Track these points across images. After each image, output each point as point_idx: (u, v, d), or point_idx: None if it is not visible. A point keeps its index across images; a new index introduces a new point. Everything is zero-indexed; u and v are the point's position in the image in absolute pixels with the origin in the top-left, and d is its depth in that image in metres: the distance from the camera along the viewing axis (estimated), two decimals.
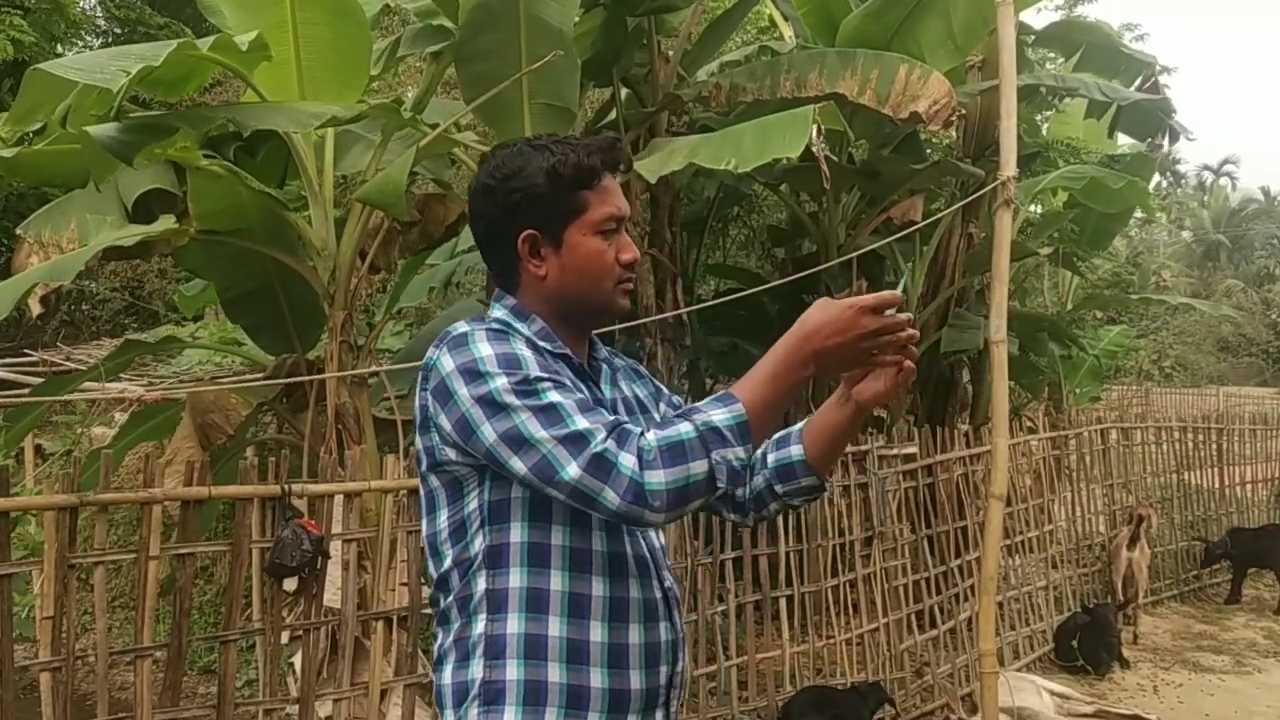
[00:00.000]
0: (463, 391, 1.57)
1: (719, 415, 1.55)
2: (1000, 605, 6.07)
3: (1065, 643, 6.68)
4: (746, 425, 1.55)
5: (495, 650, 1.60)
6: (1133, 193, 7.94)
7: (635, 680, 1.62)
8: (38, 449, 8.72)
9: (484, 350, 1.60)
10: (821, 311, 1.65)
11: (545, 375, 1.60)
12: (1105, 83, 7.70)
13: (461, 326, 1.67)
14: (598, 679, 1.59)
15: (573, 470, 1.53)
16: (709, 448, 1.53)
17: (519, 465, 1.55)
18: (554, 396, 1.58)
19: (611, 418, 1.60)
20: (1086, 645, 6.59)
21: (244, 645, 4.45)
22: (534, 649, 1.59)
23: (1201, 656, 7.15)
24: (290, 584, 3.92)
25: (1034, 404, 10.36)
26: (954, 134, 7.81)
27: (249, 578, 4.38)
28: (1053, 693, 5.77)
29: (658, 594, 1.68)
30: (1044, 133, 10.07)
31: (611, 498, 1.51)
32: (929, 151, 8.08)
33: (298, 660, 4.04)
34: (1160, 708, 6.06)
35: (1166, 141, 7.88)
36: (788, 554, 5.25)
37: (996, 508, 5.37)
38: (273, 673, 3.50)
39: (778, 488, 1.85)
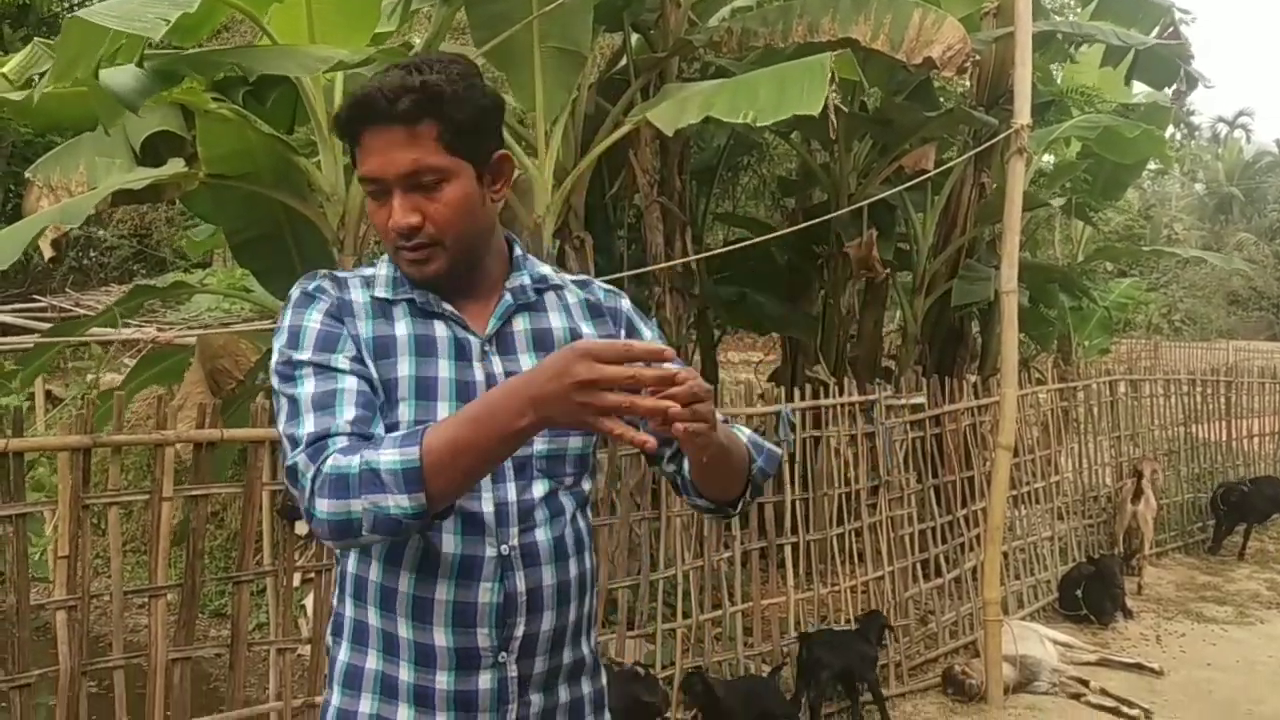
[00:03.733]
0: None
1: (387, 457, 1.40)
2: (1005, 555, 6.10)
3: (1069, 592, 6.72)
4: (416, 472, 1.38)
5: (342, 588, 1.65)
6: (1148, 142, 7.86)
7: (440, 636, 1.55)
8: (48, 395, 8.78)
9: (283, 320, 1.60)
10: (555, 354, 1.41)
11: (308, 359, 1.53)
12: (1122, 30, 7.60)
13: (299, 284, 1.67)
14: (404, 629, 1.56)
15: (288, 469, 1.50)
16: (362, 491, 1.40)
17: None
18: (302, 387, 1.52)
19: (340, 419, 1.49)
20: (1091, 595, 6.63)
21: (255, 589, 4.50)
22: (359, 590, 1.61)
23: (1205, 607, 7.20)
24: (302, 527, 3.95)
25: (1043, 355, 10.36)
26: (968, 82, 7.72)
27: (260, 521, 4.42)
28: (1056, 641, 5.83)
29: (488, 552, 1.55)
30: (1058, 81, 9.95)
31: (306, 509, 1.46)
32: (942, 100, 7.99)
33: (309, 603, 4.09)
34: (1163, 657, 6.11)
35: (1185, 87, 7.79)
36: (794, 502, 5.28)
37: (1004, 458, 5.40)
38: (285, 614, 3.54)
39: (687, 498, 1.76)
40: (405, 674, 1.56)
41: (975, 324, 8.40)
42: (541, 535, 1.59)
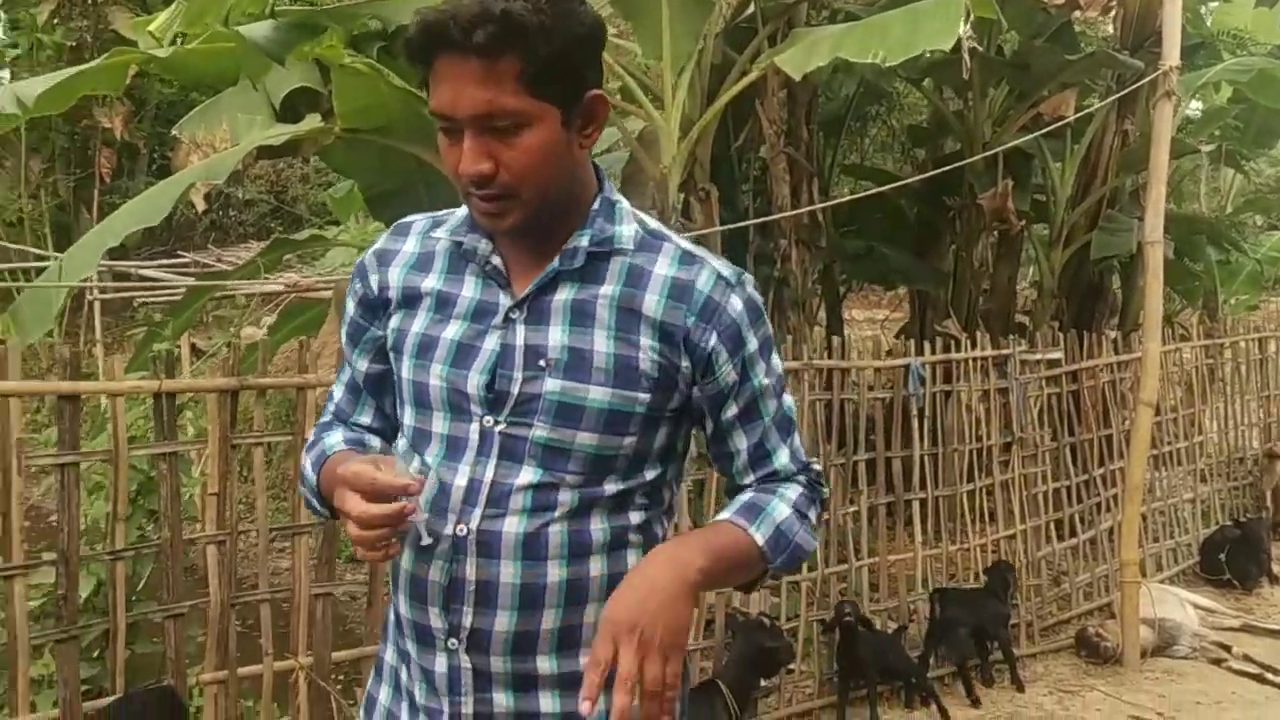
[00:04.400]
0: None
1: (308, 460, 1.62)
2: (1144, 516, 5.90)
3: (1212, 556, 6.47)
4: (314, 489, 1.59)
5: None
6: None
7: (403, 604, 1.50)
8: (192, 347, 9.18)
9: None
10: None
11: (345, 332, 1.63)
12: None
13: None
14: (393, 586, 1.55)
15: None
16: (301, 478, 1.64)
17: None
18: (344, 358, 1.66)
19: (331, 404, 1.67)
20: (1235, 559, 6.37)
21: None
22: None
23: None
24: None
25: (1187, 311, 9.92)
26: (1111, 25, 7.38)
27: None
28: (1197, 605, 5.63)
29: (445, 529, 1.43)
30: (1208, 24, 9.44)
31: None
32: (1083, 43, 7.65)
33: None
34: None
35: None
36: (923, 457, 5.19)
37: (1145, 415, 5.21)
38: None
39: None
40: (393, 630, 1.56)
41: (1115, 278, 8.09)
42: (511, 526, 1.42)
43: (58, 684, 2.96)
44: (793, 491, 1.54)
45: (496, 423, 1.44)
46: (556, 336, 1.44)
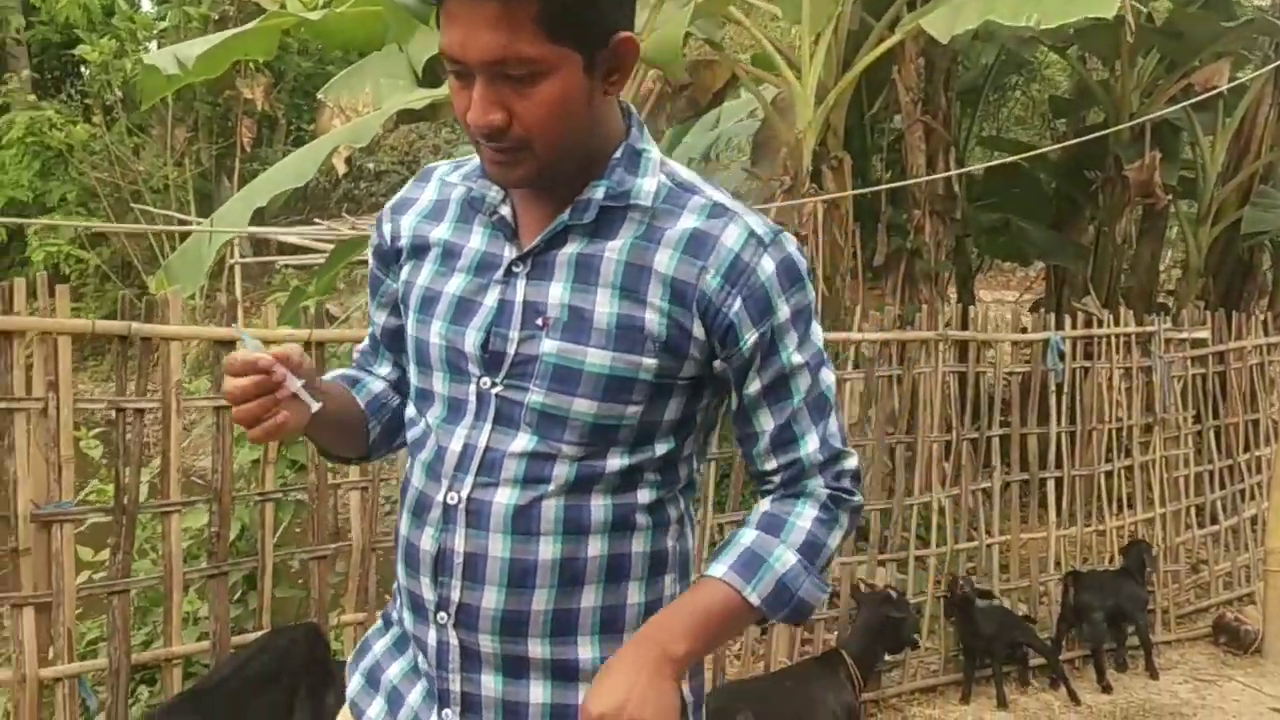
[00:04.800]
0: None
1: None
2: None
3: None
4: None
5: None
6: None
7: (400, 570, 1.43)
8: (326, 313, 9.47)
9: None
10: None
11: (369, 283, 1.57)
12: None
13: None
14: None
15: None
16: None
17: None
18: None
19: (359, 348, 1.64)
20: None
21: None
22: None
23: None
24: None
25: None
26: None
27: None
28: None
29: (438, 495, 1.35)
30: None
31: None
32: (1240, 11, 7.29)
33: None
34: None
35: None
36: (1059, 435, 5.04)
37: None
38: None
39: None
40: (397, 593, 1.49)
41: (1266, 257, 7.72)
42: (502, 497, 1.32)
43: (209, 618, 3.10)
44: (809, 513, 1.37)
45: (493, 384, 1.33)
46: (557, 294, 1.32)
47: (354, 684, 1.50)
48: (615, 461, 1.33)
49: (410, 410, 1.46)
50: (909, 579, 4.58)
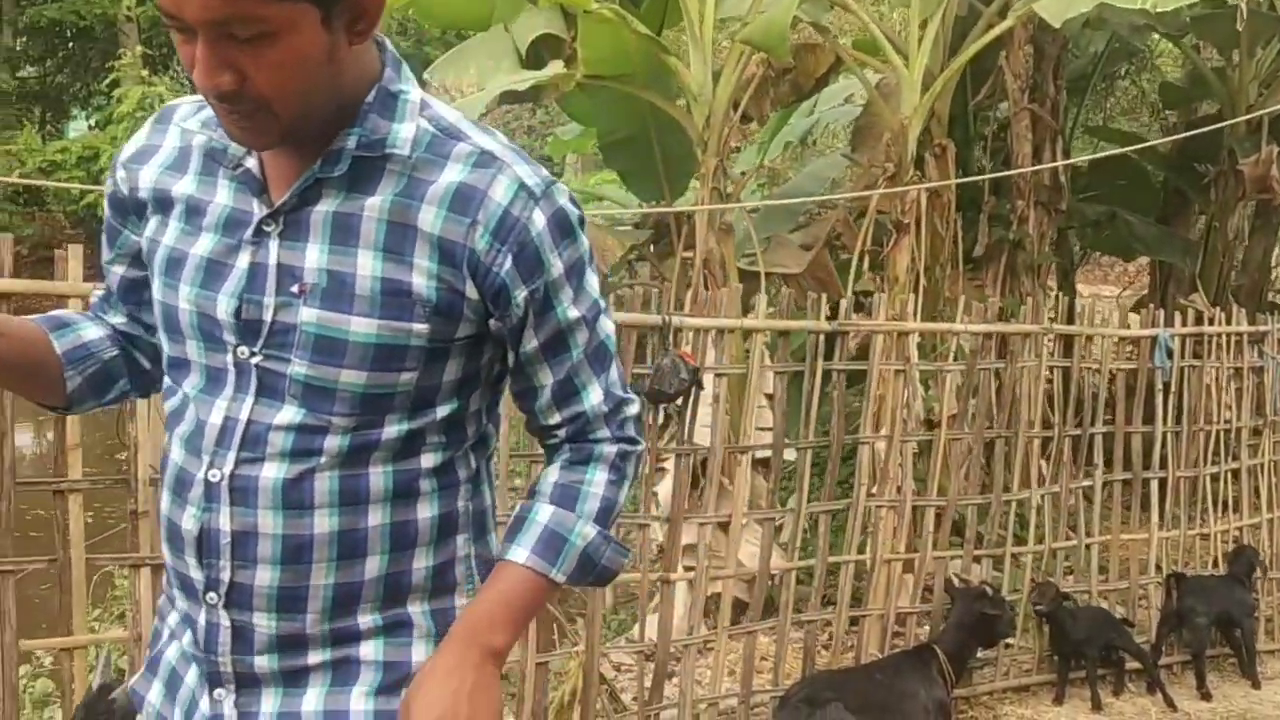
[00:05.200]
0: None
1: None
2: None
3: None
4: None
5: None
6: None
7: (166, 551, 1.33)
8: None
9: None
10: None
11: (104, 230, 1.44)
12: None
13: None
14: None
15: None
16: None
17: None
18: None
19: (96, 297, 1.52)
20: None
21: None
22: None
23: None
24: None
25: None
26: None
27: None
28: None
29: (199, 473, 1.26)
30: None
31: None
32: None
33: (660, 488, 4.27)
34: None
35: None
36: (1164, 435, 4.90)
37: None
38: (646, 493, 3.71)
39: None
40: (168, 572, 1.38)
41: None
42: (269, 471, 1.23)
43: None
44: (600, 477, 1.34)
45: (252, 354, 1.24)
46: (314, 257, 1.22)
47: (140, 673, 1.42)
48: (393, 429, 1.26)
49: (165, 379, 1.35)
50: (1004, 576, 4.51)
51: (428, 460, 1.29)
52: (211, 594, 1.26)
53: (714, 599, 3.99)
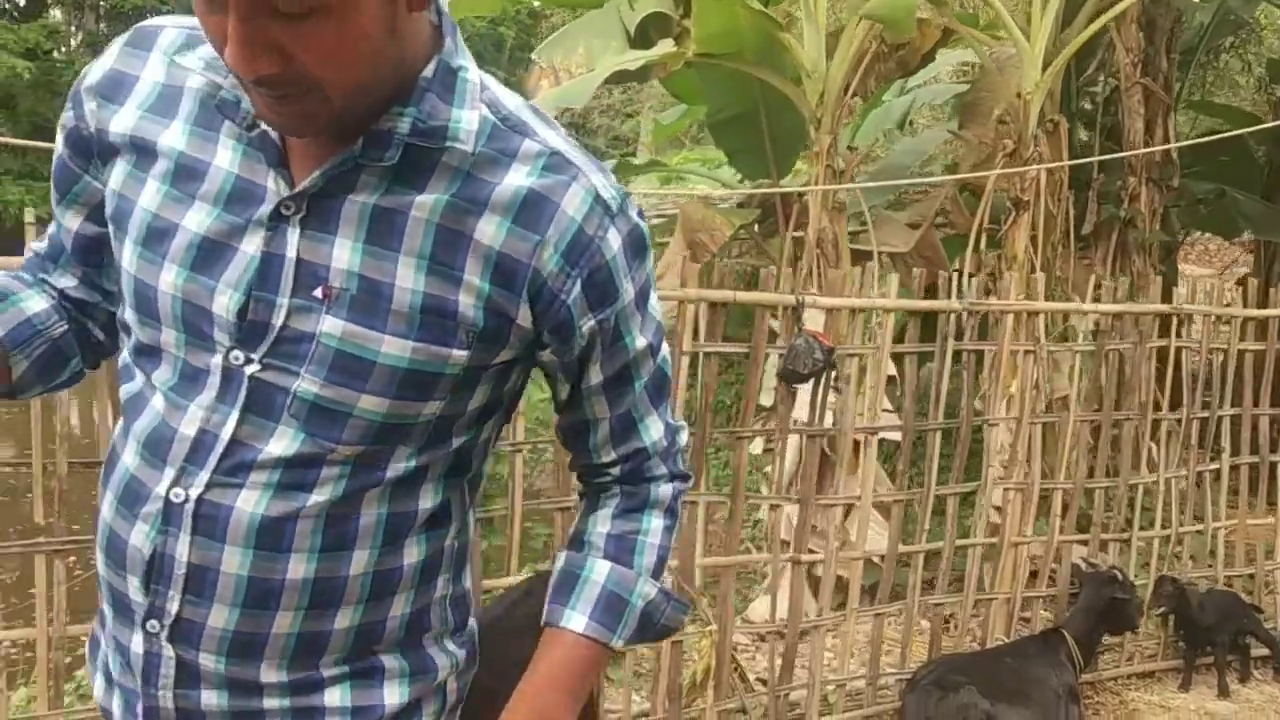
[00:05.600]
0: None
1: None
2: None
3: None
4: None
5: None
6: None
7: (100, 559, 1.12)
8: None
9: None
10: None
11: (53, 171, 1.18)
12: None
13: None
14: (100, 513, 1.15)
15: None
16: None
17: None
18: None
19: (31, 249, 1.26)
20: None
21: (711, 448, 4.70)
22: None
23: None
24: (766, 397, 4.09)
25: None
26: None
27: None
28: None
29: (158, 487, 1.05)
30: None
31: None
32: None
33: (771, 469, 4.24)
34: None
35: None
36: None
37: None
38: (777, 473, 3.69)
39: None
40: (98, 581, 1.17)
41: None
42: (246, 503, 1.03)
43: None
44: (657, 525, 1.21)
45: (248, 360, 1.03)
46: (344, 256, 1.01)
47: (97, 682, 1.21)
48: (400, 465, 1.08)
49: (124, 356, 1.13)
50: (1130, 561, 4.43)
51: (426, 500, 1.11)
52: (153, 622, 1.06)
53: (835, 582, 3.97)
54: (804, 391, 3.70)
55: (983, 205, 5.09)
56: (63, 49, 20.63)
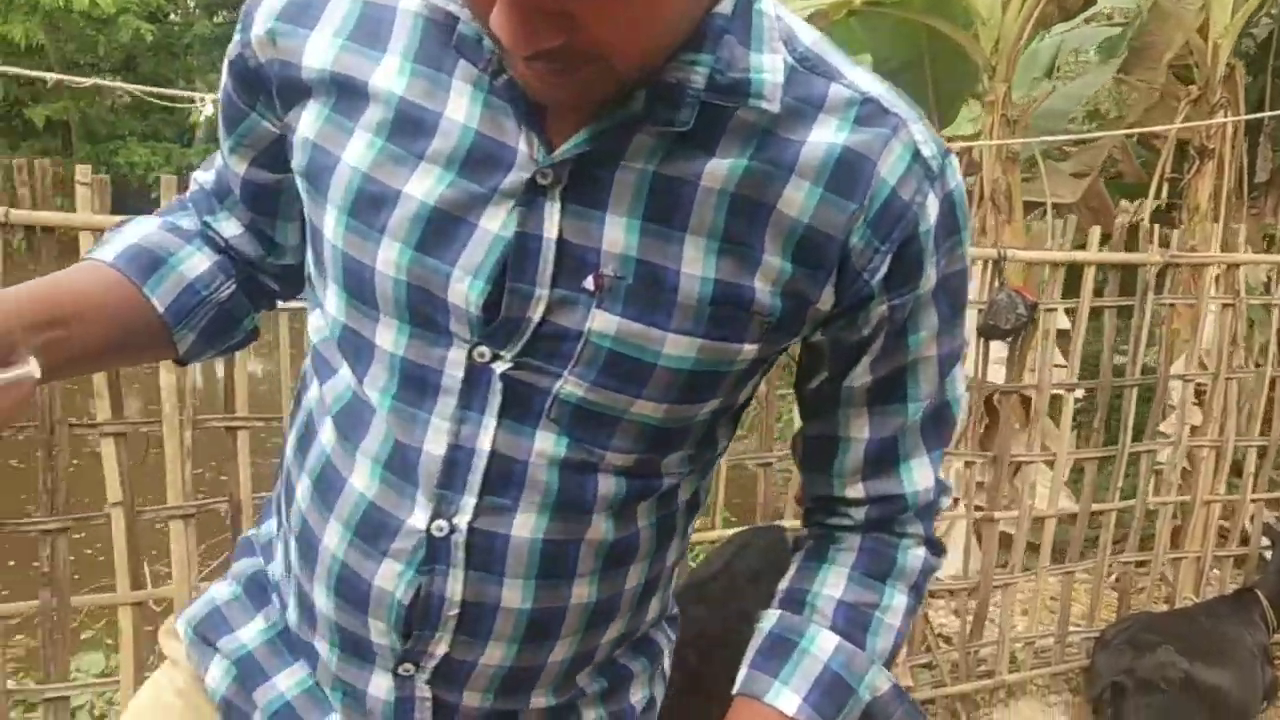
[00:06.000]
0: None
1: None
2: None
3: None
4: None
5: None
6: None
7: (320, 593, 0.93)
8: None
9: None
10: None
11: (221, 105, 0.98)
12: None
13: None
14: (292, 549, 0.97)
15: None
16: None
17: None
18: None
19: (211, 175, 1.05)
20: None
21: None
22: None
23: None
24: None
25: None
26: None
27: None
28: None
29: (411, 520, 0.87)
30: None
31: None
32: None
33: None
34: None
35: None
36: None
37: None
38: (971, 430, 3.67)
39: None
40: (294, 609, 0.98)
41: None
42: (525, 528, 0.87)
43: None
44: (900, 602, 0.98)
45: (496, 357, 0.84)
46: (619, 236, 0.82)
47: (221, 672, 1.01)
48: (674, 471, 0.93)
49: (326, 348, 0.93)
50: None
51: (684, 494, 0.97)
52: (408, 666, 0.91)
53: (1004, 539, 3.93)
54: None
55: (1165, 154, 4.93)
56: (178, 12, 21.10)
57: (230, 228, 1.03)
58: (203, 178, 1.05)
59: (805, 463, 0.99)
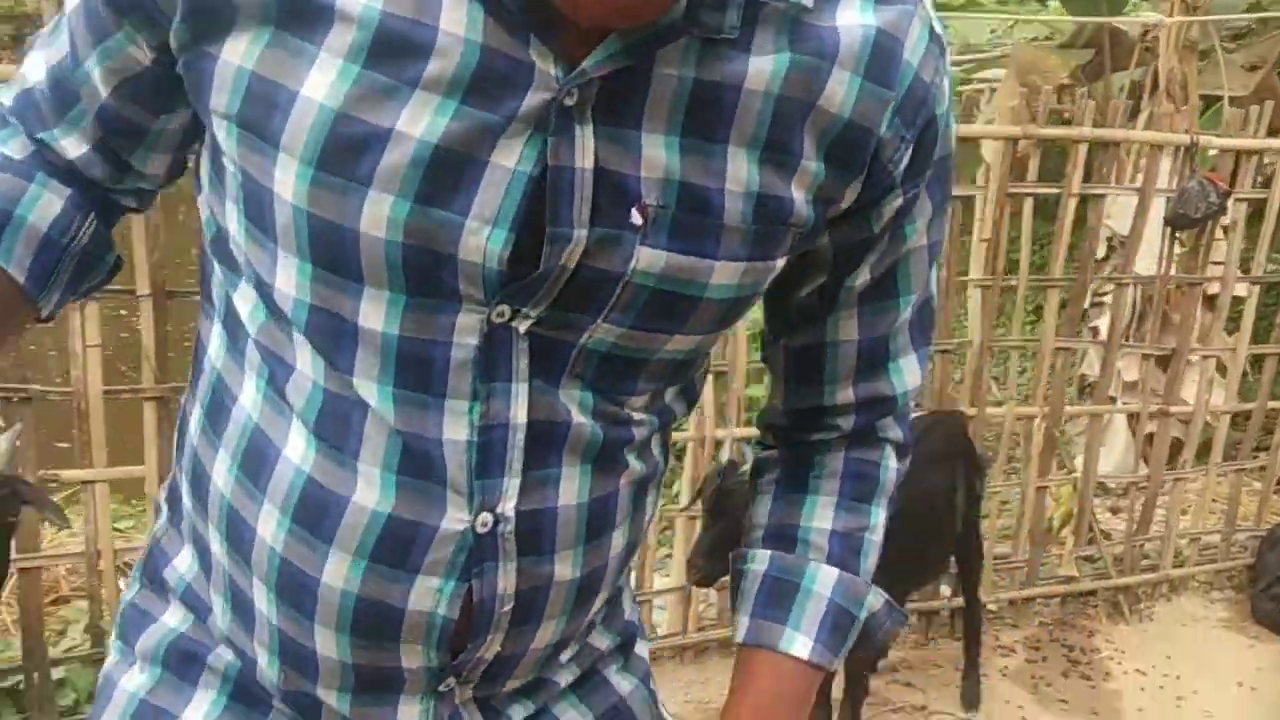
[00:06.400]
0: None
1: None
2: None
3: None
4: None
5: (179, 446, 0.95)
6: None
7: (325, 640, 0.78)
8: None
9: None
10: None
11: (82, 5, 0.76)
12: None
13: None
14: (261, 597, 0.79)
15: None
16: None
17: None
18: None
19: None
20: None
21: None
22: (195, 480, 0.85)
23: None
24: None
25: None
26: None
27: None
28: None
29: (447, 524, 0.75)
30: None
31: None
32: None
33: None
34: None
35: None
36: None
37: None
38: (1113, 333, 3.59)
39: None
40: (264, 661, 0.81)
41: None
42: (569, 494, 0.78)
43: None
44: (881, 516, 0.93)
45: (515, 315, 0.72)
46: (659, 157, 0.70)
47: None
48: (674, 399, 0.86)
49: (269, 338, 0.76)
50: None
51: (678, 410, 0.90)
52: (450, 681, 0.81)
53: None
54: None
55: None
56: None
57: (73, 146, 0.81)
58: (30, 77, 0.81)
59: (790, 376, 0.91)
